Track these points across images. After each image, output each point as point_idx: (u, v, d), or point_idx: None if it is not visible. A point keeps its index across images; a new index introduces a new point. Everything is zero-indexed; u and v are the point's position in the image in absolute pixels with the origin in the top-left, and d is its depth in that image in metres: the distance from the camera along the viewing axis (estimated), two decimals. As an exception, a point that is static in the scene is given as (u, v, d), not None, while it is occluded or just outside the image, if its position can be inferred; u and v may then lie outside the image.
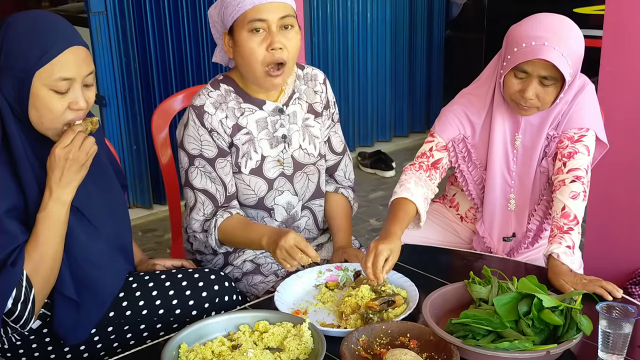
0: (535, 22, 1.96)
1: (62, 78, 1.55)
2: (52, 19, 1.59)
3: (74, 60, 1.56)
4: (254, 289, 2.05)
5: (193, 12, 3.92)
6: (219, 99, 1.98)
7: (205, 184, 1.99)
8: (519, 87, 1.96)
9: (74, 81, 1.57)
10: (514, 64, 1.93)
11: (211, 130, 1.96)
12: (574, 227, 1.90)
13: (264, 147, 2.03)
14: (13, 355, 1.73)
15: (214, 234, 1.98)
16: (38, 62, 1.52)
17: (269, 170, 2.04)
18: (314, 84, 2.12)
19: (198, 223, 2.01)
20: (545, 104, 1.98)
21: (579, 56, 1.95)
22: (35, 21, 1.56)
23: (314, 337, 1.58)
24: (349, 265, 1.95)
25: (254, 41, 1.87)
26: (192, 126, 1.96)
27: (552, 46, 1.88)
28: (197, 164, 1.98)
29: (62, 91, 1.56)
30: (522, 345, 1.48)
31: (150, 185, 4.15)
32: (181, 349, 1.56)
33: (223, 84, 2.01)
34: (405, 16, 5.21)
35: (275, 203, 2.08)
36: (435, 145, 2.14)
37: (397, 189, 2.07)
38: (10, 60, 1.52)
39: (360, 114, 5.17)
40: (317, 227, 2.22)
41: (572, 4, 4.06)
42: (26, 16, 1.57)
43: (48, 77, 1.53)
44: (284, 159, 2.06)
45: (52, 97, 1.55)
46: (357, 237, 2.38)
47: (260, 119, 2.01)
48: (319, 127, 2.13)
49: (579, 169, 1.97)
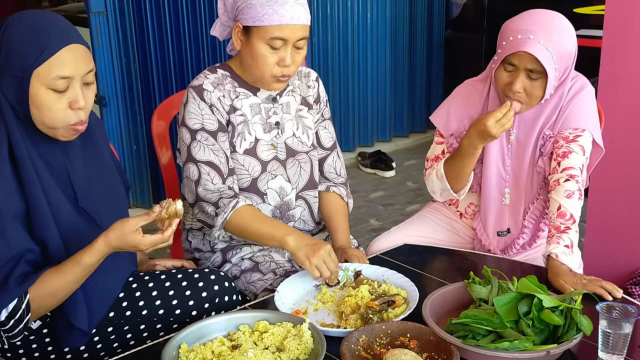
0: (527, 16, 1.99)
1: (60, 76, 1.54)
2: (49, 17, 1.58)
3: (72, 58, 1.55)
4: (252, 286, 2.05)
5: (193, 12, 3.92)
6: (216, 80, 2.03)
7: (209, 155, 1.99)
8: (508, 80, 1.99)
9: (72, 79, 1.56)
10: (502, 57, 1.97)
11: (211, 105, 2.00)
12: (571, 226, 1.91)
13: (258, 131, 2.07)
14: (13, 355, 1.73)
15: (228, 213, 1.95)
16: (35, 60, 1.51)
17: (262, 152, 2.07)
18: (307, 80, 2.19)
19: (210, 193, 1.98)
20: (533, 98, 2.00)
21: (567, 53, 1.96)
22: (33, 20, 1.55)
23: (314, 337, 1.58)
24: (349, 265, 1.95)
25: (269, 53, 1.93)
26: (192, 102, 2.00)
27: (537, 40, 1.91)
28: (199, 138, 1.99)
29: (61, 90, 1.55)
30: (522, 345, 1.48)
31: (150, 185, 4.15)
32: (181, 349, 1.56)
33: (220, 69, 2.07)
34: (405, 16, 5.21)
35: (269, 187, 2.09)
36: (447, 147, 2.19)
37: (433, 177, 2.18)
38: (9, 60, 1.52)
39: (360, 114, 5.17)
40: (313, 219, 2.22)
41: (572, 4, 4.05)
42: (24, 16, 1.56)
43: (46, 75, 1.52)
44: (277, 143, 2.09)
45: (51, 96, 1.55)
46: (357, 237, 2.38)
47: (254, 104, 2.06)
48: (311, 119, 2.18)
49: (573, 167, 1.98)
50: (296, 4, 1.91)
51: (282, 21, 1.89)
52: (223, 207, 1.96)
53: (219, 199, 1.97)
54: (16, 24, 1.54)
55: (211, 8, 3.96)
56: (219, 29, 2.07)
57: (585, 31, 3.84)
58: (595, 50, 2.67)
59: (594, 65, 2.63)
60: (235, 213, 1.96)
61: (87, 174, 1.70)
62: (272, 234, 1.93)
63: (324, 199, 2.24)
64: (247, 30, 1.94)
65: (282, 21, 1.89)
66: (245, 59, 2.00)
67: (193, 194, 2.01)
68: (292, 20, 1.89)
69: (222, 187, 1.99)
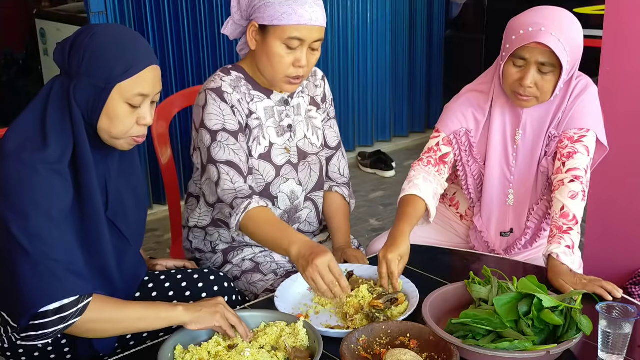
0: (534, 11, 1.98)
1: (140, 94, 1.57)
2: (133, 34, 1.62)
3: (152, 78, 1.60)
4: (253, 287, 2.05)
5: (193, 12, 3.92)
6: (232, 82, 2.02)
7: (229, 155, 1.97)
8: (518, 76, 1.97)
9: (147, 97, 1.60)
10: (512, 50, 1.94)
11: (232, 106, 1.99)
12: (574, 227, 1.90)
13: (272, 135, 2.06)
14: (13, 355, 1.73)
15: (240, 215, 1.91)
16: (122, 75, 1.54)
17: (276, 157, 2.07)
18: (314, 80, 2.19)
19: (227, 193, 1.95)
20: (544, 93, 1.98)
21: (578, 46, 1.96)
22: (119, 34, 1.58)
23: (309, 335, 1.58)
24: (341, 267, 1.95)
25: (285, 53, 1.92)
26: (213, 104, 1.98)
27: (549, 31, 1.89)
28: (219, 139, 1.97)
29: (136, 105, 1.58)
30: (522, 345, 1.48)
31: (150, 185, 4.15)
32: (176, 350, 1.56)
33: (233, 71, 2.05)
34: (405, 16, 5.20)
35: (280, 191, 2.09)
36: (442, 140, 2.15)
37: (405, 185, 2.08)
38: (92, 69, 1.54)
39: (360, 114, 5.17)
40: (318, 220, 2.22)
41: (572, 4, 4.04)
42: (109, 28, 1.60)
43: (128, 91, 1.56)
44: (291, 147, 2.09)
45: (126, 110, 1.58)
46: (357, 237, 2.38)
47: (268, 107, 2.06)
48: (320, 119, 2.18)
49: (578, 168, 1.98)
50: (315, 5, 1.90)
51: (300, 21, 1.88)
52: (236, 208, 1.93)
53: (234, 199, 1.94)
54: (101, 35, 1.56)
55: (211, 8, 3.96)
56: (231, 28, 2.04)
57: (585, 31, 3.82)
58: (595, 50, 2.67)
59: (594, 65, 2.63)
60: (246, 216, 1.91)
61: (118, 184, 1.72)
62: (278, 242, 1.86)
63: (327, 199, 2.24)
64: (263, 30, 1.93)
65: (300, 21, 1.88)
66: (260, 59, 1.98)
67: (214, 195, 1.99)
68: (310, 20, 1.89)
69: (242, 185, 1.96)
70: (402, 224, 1.93)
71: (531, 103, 2.00)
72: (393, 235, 1.90)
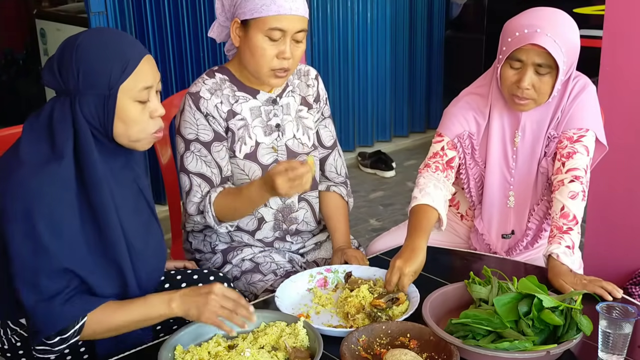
0: (529, 13, 1.98)
1: (144, 87, 1.58)
2: (116, 33, 1.63)
3: (149, 68, 1.60)
4: (253, 287, 2.05)
5: (193, 12, 3.92)
6: (214, 86, 2.02)
7: (201, 167, 2.00)
8: (515, 78, 1.96)
9: (151, 89, 1.60)
10: (509, 53, 1.94)
11: (207, 114, 2.00)
12: (574, 227, 1.90)
13: (258, 134, 2.06)
14: (13, 355, 1.73)
15: (210, 210, 1.98)
16: (122, 75, 1.54)
17: (263, 156, 2.06)
18: (306, 79, 2.18)
19: (195, 205, 2.01)
20: (542, 94, 1.97)
21: (574, 46, 1.96)
22: (102, 39, 1.57)
23: (309, 335, 1.58)
24: (339, 267, 1.95)
25: (267, 45, 1.92)
26: (188, 111, 2.00)
27: (544, 33, 1.89)
28: (192, 149, 2.00)
29: (145, 100, 1.59)
30: (522, 345, 1.48)
31: (150, 184, 4.15)
32: (176, 350, 1.56)
33: (218, 73, 2.06)
34: (405, 16, 5.21)
35: None
36: (447, 144, 2.14)
37: (417, 194, 2.05)
38: (90, 80, 1.53)
39: (360, 114, 5.17)
40: (316, 220, 2.22)
41: (572, 4, 4.05)
42: (91, 35, 1.58)
43: (132, 88, 1.56)
44: (278, 146, 2.08)
45: (137, 108, 1.58)
46: (357, 237, 2.38)
47: (254, 107, 2.06)
48: (312, 119, 2.17)
49: (578, 169, 1.98)
50: None
51: (280, 11, 1.88)
52: (205, 208, 1.99)
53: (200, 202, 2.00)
54: (86, 44, 1.55)
55: (211, 8, 3.96)
56: (217, 30, 2.06)
57: (585, 31, 3.82)
58: (595, 50, 2.67)
59: (594, 65, 2.63)
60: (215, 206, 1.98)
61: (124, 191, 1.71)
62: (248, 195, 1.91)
63: (324, 198, 2.24)
64: (245, 24, 1.94)
65: (280, 11, 1.88)
66: (244, 55, 1.99)
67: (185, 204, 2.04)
68: (290, 10, 1.89)
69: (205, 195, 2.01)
70: (418, 239, 1.90)
71: (529, 107, 2.00)
72: (411, 248, 1.87)
